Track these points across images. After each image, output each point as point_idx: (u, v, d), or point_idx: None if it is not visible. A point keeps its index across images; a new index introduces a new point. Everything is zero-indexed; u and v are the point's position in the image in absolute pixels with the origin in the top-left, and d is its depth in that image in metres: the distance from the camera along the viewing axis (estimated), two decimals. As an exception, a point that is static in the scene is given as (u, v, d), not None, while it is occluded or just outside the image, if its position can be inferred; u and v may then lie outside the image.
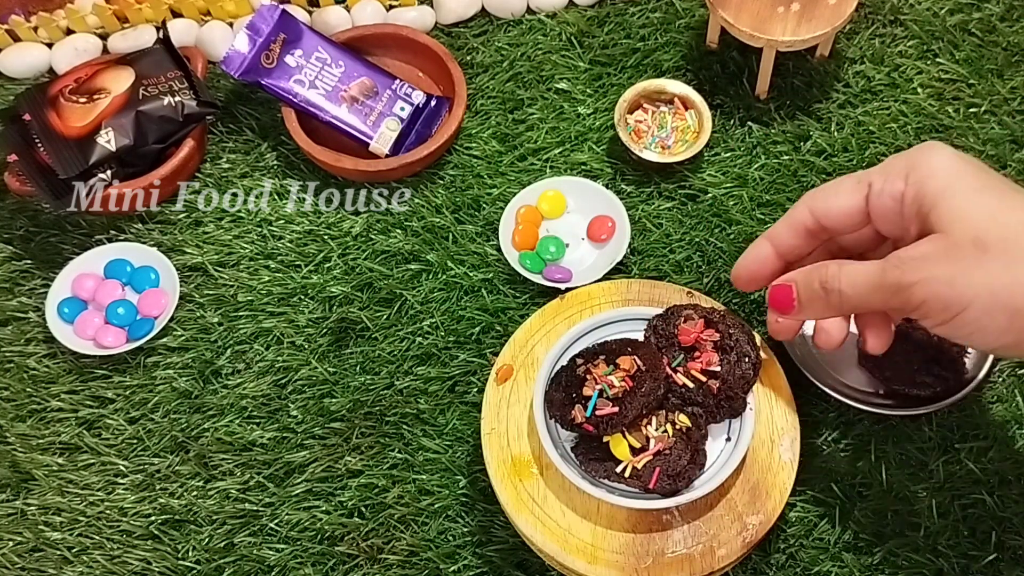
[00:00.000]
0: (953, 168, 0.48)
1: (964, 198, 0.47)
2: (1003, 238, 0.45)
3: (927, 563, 0.63)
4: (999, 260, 0.44)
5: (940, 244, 0.46)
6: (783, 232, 0.55)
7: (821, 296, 0.51)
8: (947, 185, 0.47)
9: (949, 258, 0.46)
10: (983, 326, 0.46)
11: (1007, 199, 0.46)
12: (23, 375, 0.74)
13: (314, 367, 0.72)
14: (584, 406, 0.58)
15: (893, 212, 0.50)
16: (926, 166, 0.48)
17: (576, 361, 0.61)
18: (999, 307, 0.45)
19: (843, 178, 0.53)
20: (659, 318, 0.63)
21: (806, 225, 0.54)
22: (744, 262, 0.57)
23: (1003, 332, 0.45)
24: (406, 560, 0.66)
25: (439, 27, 0.88)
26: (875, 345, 0.55)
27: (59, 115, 0.77)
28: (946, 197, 0.47)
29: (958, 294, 0.45)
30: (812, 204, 0.54)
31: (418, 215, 0.78)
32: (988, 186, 0.47)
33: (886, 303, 0.49)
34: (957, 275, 0.45)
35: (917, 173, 0.49)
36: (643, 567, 0.59)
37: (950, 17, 0.85)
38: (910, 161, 0.50)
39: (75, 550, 0.67)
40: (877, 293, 0.48)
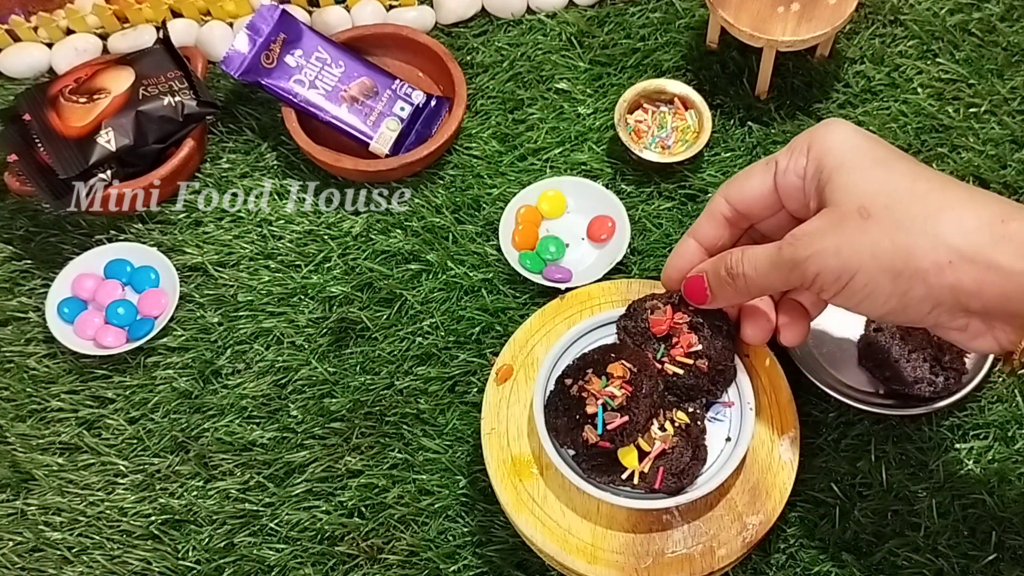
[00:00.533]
0: (850, 143, 0.49)
1: (855, 172, 0.48)
2: (886, 205, 0.46)
3: (927, 563, 0.63)
4: (881, 226, 0.46)
5: (829, 217, 0.48)
6: (704, 225, 0.57)
7: (728, 282, 0.53)
8: (842, 160, 0.49)
9: (836, 229, 0.47)
10: (870, 292, 0.47)
11: (897, 170, 0.48)
12: (23, 375, 0.74)
13: (314, 367, 0.72)
14: (593, 425, 0.58)
15: (797, 189, 0.52)
16: (825, 142, 0.50)
17: (565, 382, 0.61)
18: (882, 271, 0.46)
19: (754, 164, 0.55)
20: (625, 318, 0.63)
21: (723, 214, 0.56)
22: (672, 262, 0.59)
23: (888, 297, 0.47)
24: (406, 560, 0.66)
25: (439, 27, 0.88)
26: (789, 337, 0.57)
27: (59, 115, 0.77)
28: (840, 171, 0.49)
29: (844, 262, 0.47)
30: (727, 192, 0.55)
31: (418, 215, 0.78)
32: (881, 160, 0.48)
33: (787, 280, 0.50)
34: (843, 244, 0.47)
35: (816, 148, 0.50)
36: (643, 567, 0.59)
37: (950, 17, 0.85)
38: (811, 137, 0.51)
39: (75, 550, 0.67)
40: (777, 271, 0.50)
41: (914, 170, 0.48)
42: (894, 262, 0.46)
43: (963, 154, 0.79)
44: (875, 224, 0.46)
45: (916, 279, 0.46)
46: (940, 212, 0.46)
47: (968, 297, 0.45)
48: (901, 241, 0.46)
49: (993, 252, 0.44)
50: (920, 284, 0.46)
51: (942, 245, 0.45)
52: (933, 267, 0.45)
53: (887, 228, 0.46)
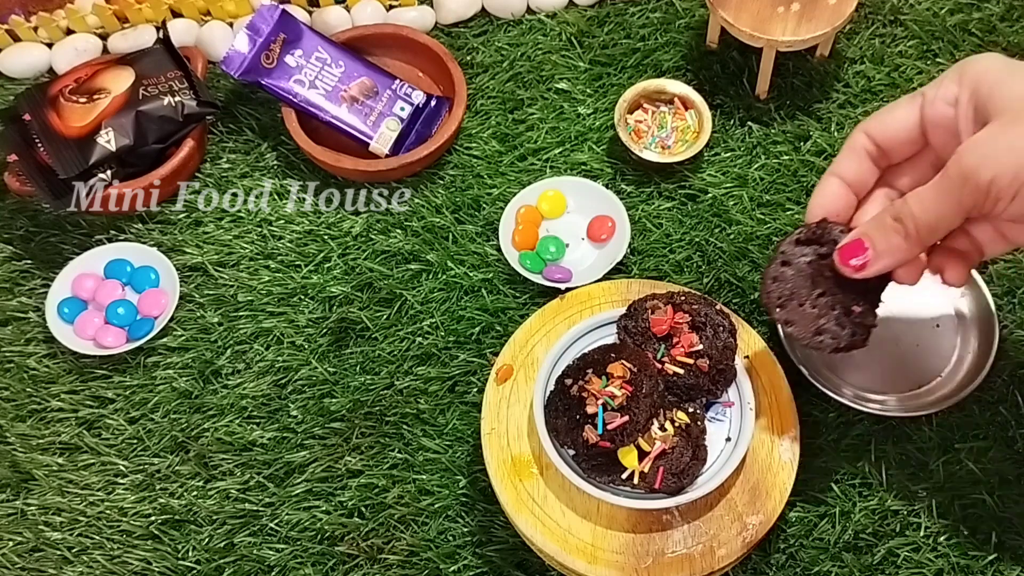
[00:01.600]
0: (1002, 62, 0.49)
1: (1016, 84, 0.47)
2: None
3: (927, 563, 0.63)
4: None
5: (996, 125, 0.47)
6: (845, 162, 0.55)
7: (898, 230, 0.50)
8: (1000, 77, 0.48)
9: (1006, 130, 0.46)
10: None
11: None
12: (23, 375, 0.74)
13: (314, 367, 0.72)
14: (593, 424, 0.58)
15: (948, 119, 0.51)
16: (977, 66, 0.49)
17: (565, 382, 0.61)
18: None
19: (897, 100, 0.54)
20: (625, 318, 0.63)
21: (866, 149, 0.54)
22: (816, 200, 0.56)
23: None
24: (406, 560, 0.66)
25: (439, 27, 0.88)
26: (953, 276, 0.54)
27: (59, 115, 0.77)
28: (1001, 84, 0.47)
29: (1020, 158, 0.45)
30: (867, 127, 0.54)
31: (418, 215, 0.78)
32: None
33: (960, 203, 0.48)
34: (1017, 139, 0.45)
35: (969, 75, 0.50)
36: (643, 567, 0.59)
37: (950, 17, 0.85)
38: (961, 67, 0.50)
39: (75, 550, 0.67)
40: (947, 196, 0.48)
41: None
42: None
43: (963, 154, 0.79)
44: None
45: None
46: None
47: None
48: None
49: None
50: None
51: None
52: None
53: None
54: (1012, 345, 0.71)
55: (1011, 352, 0.70)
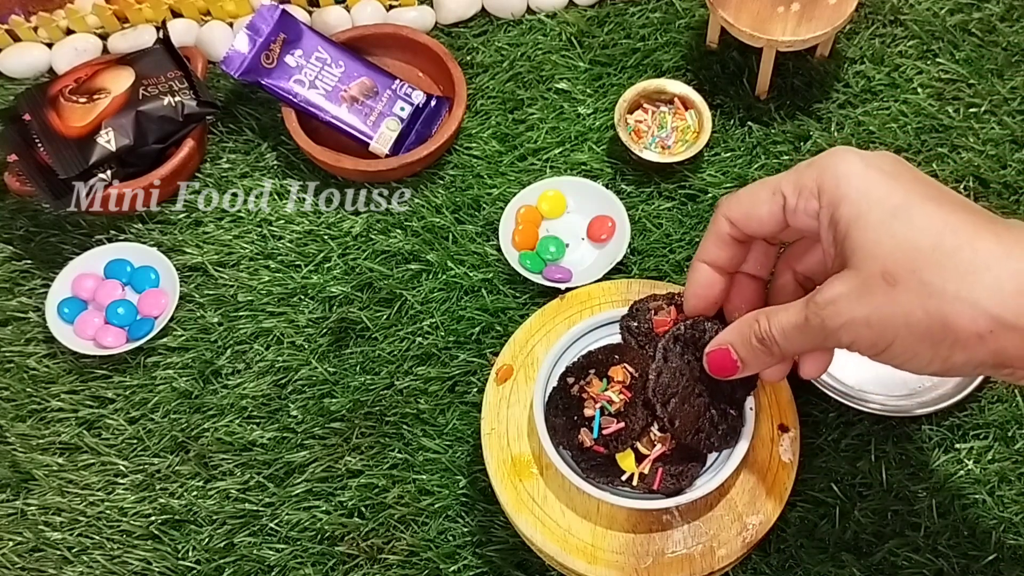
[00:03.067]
0: (863, 190, 0.46)
1: (873, 229, 0.45)
2: (912, 268, 0.43)
3: (927, 563, 0.63)
4: (910, 293, 0.43)
5: (852, 283, 0.45)
6: (713, 249, 0.54)
7: (762, 350, 0.50)
8: (858, 213, 0.45)
9: (862, 297, 0.44)
10: (911, 357, 0.45)
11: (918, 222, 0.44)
12: (23, 375, 0.74)
13: (314, 367, 0.72)
14: (589, 428, 0.58)
15: (812, 228, 0.49)
16: (837, 188, 0.46)
17: (567, 380, 0.61)
18: (919, 339, 0.43)
19: (757, 186, 0.51)
20: (628, 318, 0.62)
21: (731, 235, 0.53)
22: (692, 291, 0.55)
23: (930, 361, 0.44)
24: (406, 560, 0.66)
25: (439, 27, 0.88)
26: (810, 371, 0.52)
27: (59, 115, 0.77)
28: (857, 226, 0.45)
29: (879, 333, 0.44)
30: (730, 215, 0.52)
31: (418, 215, 0.78)
32: (900, 209, 0.45)
33: (823, 345, 0.48)
34: (873, 314, 0.44)
35: (828, 194, 0.47)
36: (643, 567, 0.59)
37: (950, 17, 0.85)
38: (820, 177, 0.47)
39: (75, 550, 0.67)
40: (809, 339, 0.48)
41: (937, 218, 0.44)
42: (931, 331, 0.43)
43: (963, 154, 0.79)
44: (903, 291, 0.43)
45: (956, 347, 0.43)
46: (973, 275, 0.42)
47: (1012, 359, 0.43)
48: (935, 310, 0.43)
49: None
50: (960, 351, 0.43)
51: (980, 314, 0.42)
52: (973, 337, 0.42)
53: (917, 295, 0.43)
54: (1012, 345, 0.70)
55: (1011, 352, 0.70)
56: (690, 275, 0.55)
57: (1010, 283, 0.42)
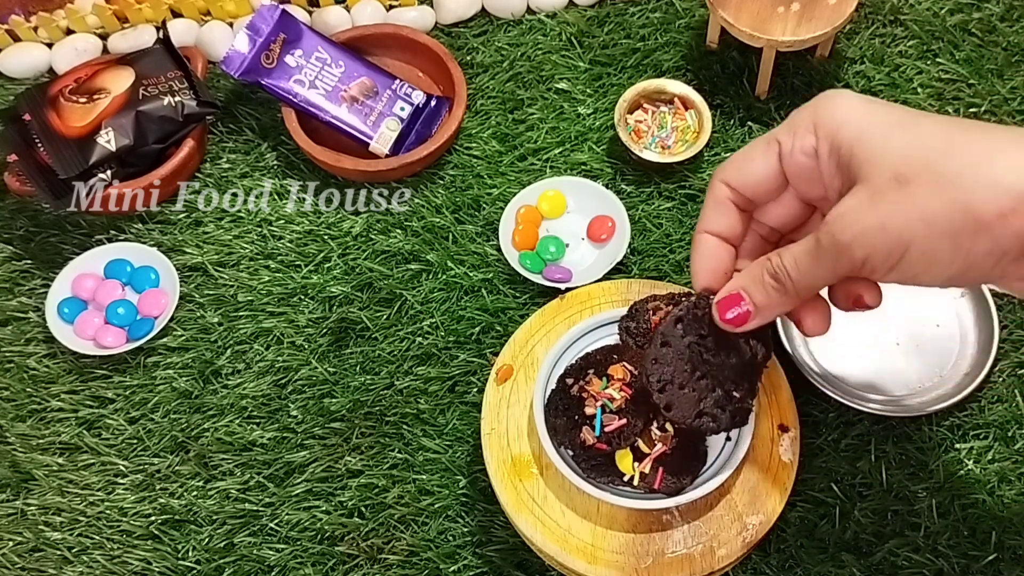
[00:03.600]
0: (861, 111, 0.46)
1: (879, 138, 0.44)
2: (924, 166, 0.42)
3: (927, 563, 0.63)
4: (926, 187, 0.42)
5: (863, 193, 0.44)
6: (714, 217, 0.52)
7: (775, 287, 0.49)
8: (860, 129, 0.45)
9: (875, 203, 0.43)
10: (929, 260, 0.43)
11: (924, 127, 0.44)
12: (23, 375, 0.74)
13: (314, 367, 0.72)
14: (591, 426, 0.58)
15: (809, 169, 0.48)
16: (833, 116, 0.46)
17: (567, 381, 0.61)
18: (939, 235, 0.42)
19: (752, 143, 0.51)
20: (627, 319, 0.61)
21: (730, 199, 0.52)
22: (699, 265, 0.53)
23: (951, 261, 0.43)
24: (406, 560, 0.66)
25: (439, 27, 0.88)
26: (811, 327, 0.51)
27: (59, 115, 0.77)
28: (861, 142, 0.45)
29: (895, 238, 0.43)
30: (726, 177, 0.51)
31: (418, 215, 0.78)
32: (903, 121, 0.44)
33: (835, 271, 0.46)
34: (888, 218, 0.43)
35: (825, 125, 0.46)
36: (643, 567, 0.59)
37: (950, 17, 0.85)
38: (816, 113, 0.47)
39: (75, 550, 0.67)
40: (821, 264, 0.46)
41: (943, 124, 0.44)
42: (952, 222, 0.41)
43: (963, 154, 0.79)
44: (919, 187, 0.42)
45: (980, 234, 0.41)
46: (990, 156, 0.41)
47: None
48: (955, 197, 0.41)
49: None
50: (984, 238, 0.41)
51: (1002, 192, 0.40)
52: (997, 217, 0.41)
53: (934, 188, 0.42)
54: (1012, 345, 0.71)
55: (1011, 352, 0.70)
56: (694, 249, 0.53)
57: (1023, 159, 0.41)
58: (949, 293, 0.72)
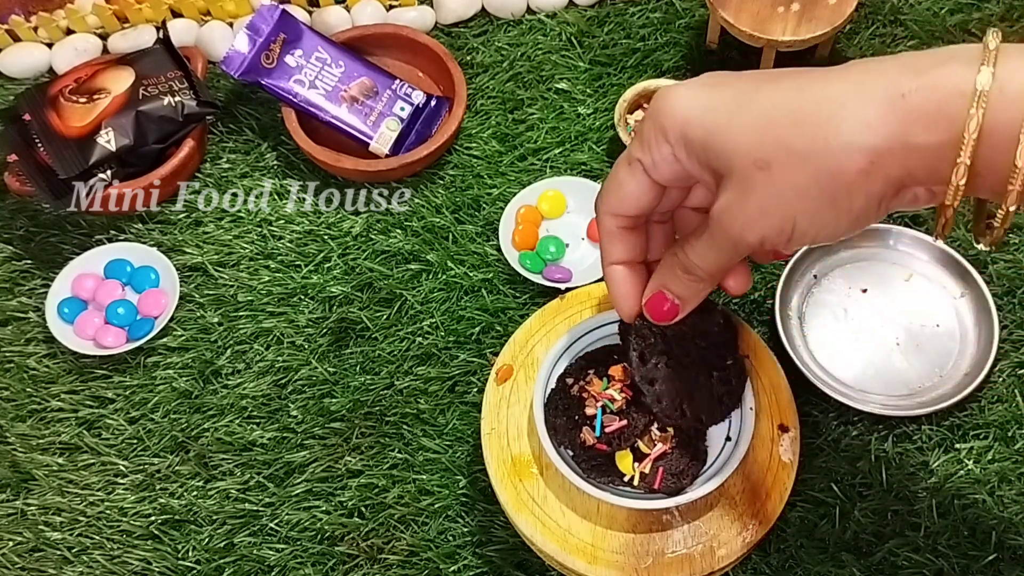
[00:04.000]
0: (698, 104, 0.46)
1: (724, 130, 0.45)
2: (777, 145, 0.43)
3: (927, 563, 0.63)
4: (787, 167, 0.43)
5: (733, 185, 0.45)
6: (612, 250, 0.53)
7: (692, 280, 0.51)
8: (703, 125, 0.46)
9: (747, 193, 0.44)
10: (818, 225, 0.44)
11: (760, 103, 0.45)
12: (23, 375, 0.74)
13: (314, 367, 0.72)
14: (591, 427, 0.58)
15: (678, 173, 0.49)
16: (674, 117, 0.47)
17: (567, 381, 0.61)
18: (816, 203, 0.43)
19: (615, 168, 0.51)
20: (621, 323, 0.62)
21: (622, 227, 0.53)
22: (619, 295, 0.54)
23: (837, 219, 0.44)
24: (406, 560, 0.66)
25: (439, 27, 0.88)
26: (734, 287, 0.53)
27: (59, 115, 0.77)
28: (711, 137, 0.45)
29: (779, 217, 0.44)
30: (610, 209, 0.52)
31: (418, 215, 0.78)
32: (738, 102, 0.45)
33: (738, 254, 0.48)
34: (764, 203, 0.44)
35: (672, 129, 0.47)
36: (643, 567, 0.59)
37: (950, 17, 0.85)
38: (657, 120, 0.48)
39: (75, 550, 0.67)
40: (724, 252, 0.48)
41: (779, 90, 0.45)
42: (823, 190, 0.43)
43: (963, 154, 0.79)
44: (780, 167, 0.43)
45: (852, 192, 0.43)
46: (835, 119, 0.42)
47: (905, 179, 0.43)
48: (815, 169, 0.43)
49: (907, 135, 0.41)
50: (858, 194, 0.43)
51: (856, 151, 0.42)
52: (859, 175, 0.42)
53: (794, 165, 0.43)
54: (1012, 345, 0.71)
55: (1011, 352, 0.70)
56: (608, 283, 0.54)
57: (871, 111, 0.42)
58: (949, 293, 0.72)
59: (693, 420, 0.57)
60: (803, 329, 0.71)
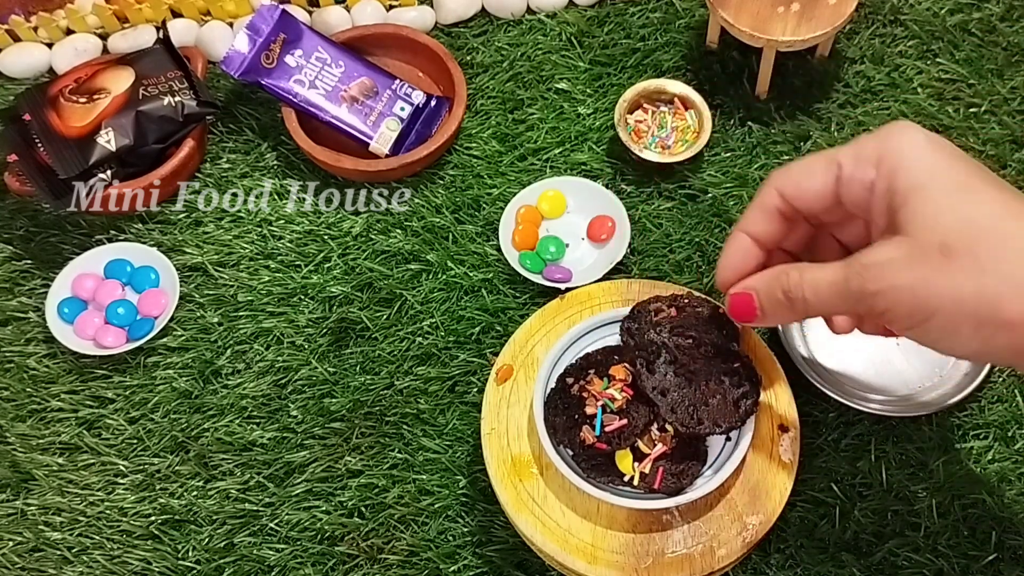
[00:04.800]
0: (927, 162, 0.45)
1: (935, 200, 0.44)
2: (971, 245, 0.43)
3: (927, 563, 0.63)
4: (965, 268, 0.42)
5: (905, 249, 0.44)
6: (757, 220, 0.52)
7: (785, 304, 0.49)
8: (919, 183, 0.45)
9: (913, 265, 0.44)
10: (949, 334, 0.44)
11: (981, 200, 0.44)
12: (23, 375, 0.74)
13: (314, 367, 0.72)
14: (591, 426, 0.58)
15: (863, 199, 0.48)
16: (898, 156, 0.46)
17: (567, 381, 0.61)
18: (964, 317, 0.43)
19: (812, 158, 0.50)
20: (629, 320, 0.62)
21: (779, 207, 0.51)
22: (727, 261, 0.53)
23: (968, 340, 0.44)
24: (406, 560, 0.66)
25: (439, 27, 0.88)
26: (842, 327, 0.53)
27: (59, 115, 0.77)
28: (917, 196, 0.45)
29: (922, 304, 0.43)
30: (781, 185, 0.51)
31: (418, 215, 0.78)
32: (964, 185, 0.44)
33: (851, 309, 0.47)
34: (921, 284, 0.43)
35: (888, 163, 0.46)
36: (643, 567, 0.59)
37: (950, 17, 0.85)
38: (881, 147, 0.47)
39: (75, 550, 0.67)
40: (841, 299, 0.47)
41: (1000, 199, 0.44)
42: (978, 310, 0.42)
43: (963, 154, 0.79)
44: (958, 265, 0.42)
45: (1002, 329, 0.42)
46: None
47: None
48: (987, 288, 0.42)
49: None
50: (1005, 334, 0.43)
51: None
52: (1020, 320, 0.42)
53: (971, 271, 0.42)
54: (1012, 345, 0.70)
55: (1011, 352, 0.70)
56: (728, 243, 0.53)
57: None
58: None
59: (711, 426, 0.56)
60: (803, 329, 0.71)
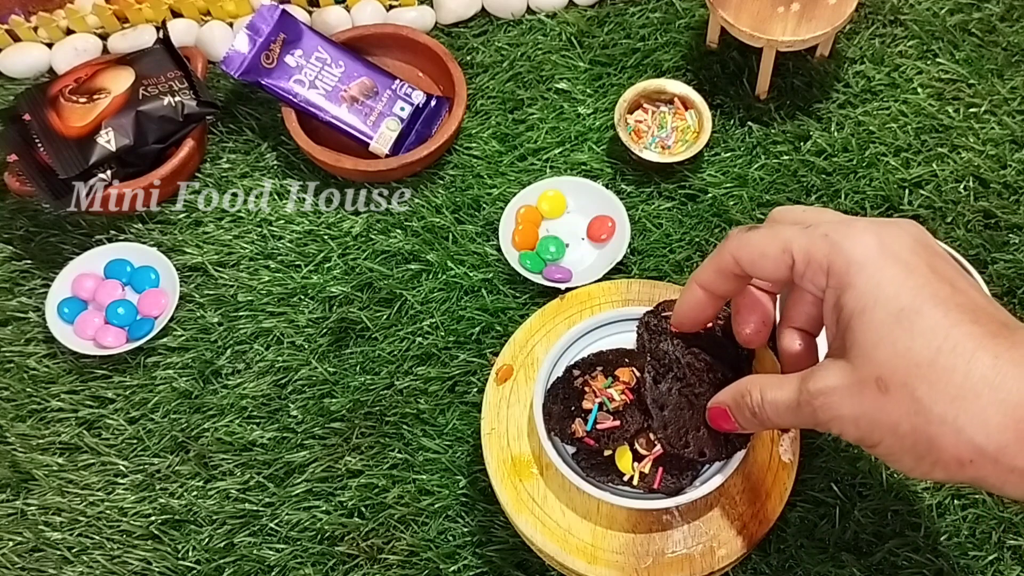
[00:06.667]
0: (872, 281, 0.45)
1: (875, 329, 0.44)
2: (905, 380, 0.43)
3: (927, 563, 0.63)
4: (900, 406, 0.43)
5: (848, 378, 0.45)
6: (712, 277, 0.53)
7: (755, 421, 0.52)
8: (861, 307, 0.45)
9: (854, 397, 0.45)
10: (894, 461, 0.45)
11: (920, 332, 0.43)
12: (23, 375, 0.74)
13: (314, 367, 0.72)
14: (584, 419, 0.58)
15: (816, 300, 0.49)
16: (846, 271, 0.46)
17: (573, 373, 0.61)
18: (903, 450, 0.44)
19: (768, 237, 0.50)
20: (650, 315, 0.62)
21: (733, 272, 0.52)
22: (682, 310, 0.56)
23: (910, 469, 0.45)
24: (406, 560, 0.66)
25: (439, 27, 0.88)
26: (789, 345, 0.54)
27: (59, 115, 0.77)
28: (859, 323, 0.45)
29: (866, 433, 0.45)
30: (738, 254, 0.51)
31: (418, 215, 0.79)
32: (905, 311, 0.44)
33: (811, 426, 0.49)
34: (861, 416, 0.45)
35: (837, 275, 0.46)
36: (643, 567, 0.59)
37: (950, 17, 0.85)
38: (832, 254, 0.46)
39: (75, 550, 0.67)
40: (798, 419, 0.49)
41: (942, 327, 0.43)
42: (915, 446, 0.44)
43: (963, 154, 0.79)
44: (894, 401, 0.43)
45: (937, 466, 0.44)
46: (962, 400, 0.42)
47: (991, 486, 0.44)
48: (921, 427, 0.43)
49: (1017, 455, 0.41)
50: (941, 471, 0.44)
51: (964, 442, 0.42)
52: (954, 462, 0.43)
53: (907, 409, 0.43)
54: (1012, 345, 0.70)
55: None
56: (685, 293, 0.55)
57: (996, 415, 0.41)
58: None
59: (695, 452, 0.56)
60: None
